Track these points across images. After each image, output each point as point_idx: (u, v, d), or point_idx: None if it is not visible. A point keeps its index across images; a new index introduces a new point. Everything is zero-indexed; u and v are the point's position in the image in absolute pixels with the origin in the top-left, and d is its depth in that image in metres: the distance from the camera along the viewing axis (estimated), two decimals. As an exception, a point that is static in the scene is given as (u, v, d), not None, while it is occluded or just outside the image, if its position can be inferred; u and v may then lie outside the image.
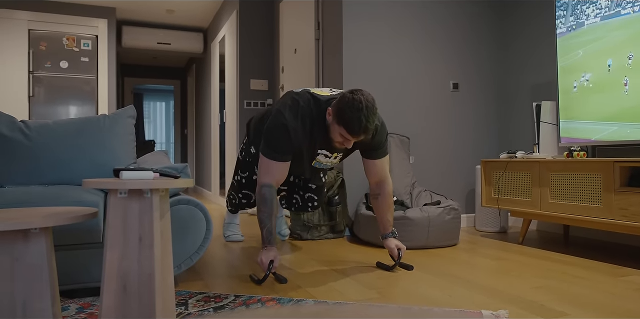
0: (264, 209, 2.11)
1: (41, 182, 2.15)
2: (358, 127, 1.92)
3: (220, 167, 7.28)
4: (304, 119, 2.09)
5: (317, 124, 2.12)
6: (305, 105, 2.10)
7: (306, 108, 2.10)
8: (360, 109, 1.90)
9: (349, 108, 1.91)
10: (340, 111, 1.93)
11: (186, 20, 6.61)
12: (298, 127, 2.08)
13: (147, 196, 1.26)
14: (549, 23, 3.47)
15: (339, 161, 2.39)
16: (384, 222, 2.37)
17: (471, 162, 3.76)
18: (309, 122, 2.10)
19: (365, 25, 3.41)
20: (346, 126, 1.93)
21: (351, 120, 1.91)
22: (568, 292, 1.90)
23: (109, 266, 1.25)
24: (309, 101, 2.11)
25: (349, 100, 1.93)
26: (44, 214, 1.28)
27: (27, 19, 5.44)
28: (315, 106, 2.11)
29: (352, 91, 1.97)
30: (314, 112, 2.11)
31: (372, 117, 1.93)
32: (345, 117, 1.92)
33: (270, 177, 2.13)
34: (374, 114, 1.95)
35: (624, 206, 2.32)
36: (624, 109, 2.60)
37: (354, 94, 1.94)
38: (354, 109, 1.90)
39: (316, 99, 2.13)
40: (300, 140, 2.11)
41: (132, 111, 2.40)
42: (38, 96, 5.45)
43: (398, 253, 2.30)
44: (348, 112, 1.91)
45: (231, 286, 2.00)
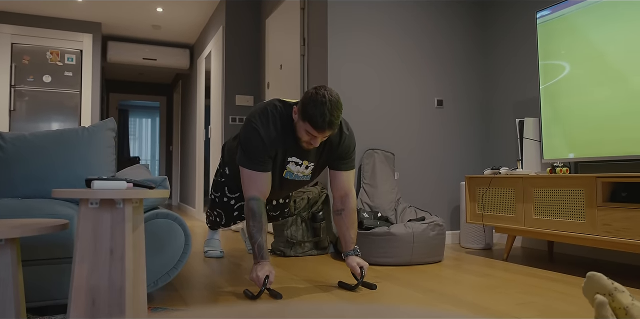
0: (252, 224, 2.06)
1: (14, 196, 2.09)
2: (322, 121, 1.91)
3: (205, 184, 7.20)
4: (275, 122, 2.08)
5: (287, 127, 2.10)
6: (273, 110, 2.09)
7: (275, 112, 2.09)
8: (324, 103, 1.90)
9: (312, 103, 1.91)
10: (304, 106, 1.93)
11: (172, 36, 6.61)
12: (270, 130, 2.06)
13: (119, 206, 1.22)
14: (531, 40, 3.51)
15: (310, 173, 2.29)
16: (346, 239, 2.27)
17: (456, 178, 3.76)
18: (279, 125, 2.08)
19: (350, 41, 3.42)
20: (310, 120, 1.92)
21: (315, 114, 1.90)
22: (552, 308, 1.87)
23: (77, 280, 1.20)
24: (276, 106, 2.11)
25: (312, 95, 1.93)
26: (11, 225, 1.22)
27: (11, 32, 5.40)
28: (284, 109, 2.11)
29: (315, 87, 1.98)
30: (283, 115, 2.10)
31: (336, 112, 1.93)
32: (309, 112, 1.91)
33: (255, 189, 2.09)
34: (339, 109, 1.94)
35: (607, 221, 2.31)
36: (607, 124, 2.61)
37: (317, 90, 1.95)
38: (318, 103, 1.90)
39: (284, 103, 2.13)
40: (274, 144, 2.08)
41: (112, 124, 2.36)
42: (20, 111, 5.37)
43: (361, 271, 2.19)
44: (311, 107, 1.91)
45: (209, 303, 1.94)
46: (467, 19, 3.88)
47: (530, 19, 3.53)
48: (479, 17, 3.94)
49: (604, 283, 1.21)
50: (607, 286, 1.20)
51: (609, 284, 1.20)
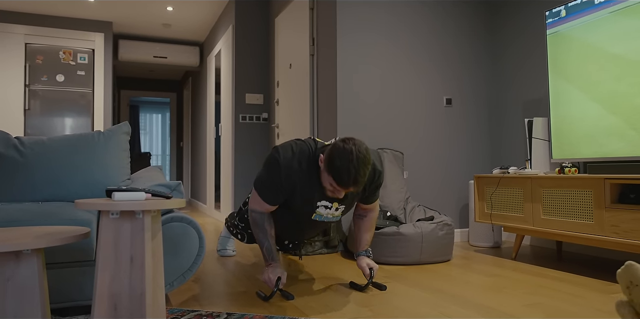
0: (257, 231, 2.15)
1: (35, 199, 2.15)
2: (347, 178, 1.82)
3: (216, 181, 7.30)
4: (300, 162, 2.01)
5: (312, 170, 2.03)
6: (304, 148, 2.03)
7: (304, 151, 2.03)
8: (351, 160, 1.80)
9: (338, 157, 1.81)
10: (330, 159, 1.84)
11: (182, 34, 6.67)
12: (292, 169, 2.00)
13: (138, 216, 1.27)
14: (540, 40, 3.52)
15: (341, 214, 2.25)
16: (361, 240, 2.33)
17: (464, 178, 3.78)
18: (305, 166, 2.02)
19: (359, 41, 3.45)
20: (335, 175, 1.84)
21: (340, 170, 1.81)
22: (559, 310, 1.90)
23: (100, 286, 1.26)
24: (308, 146, 2.04)
25: (340, 149, 1.83)
26: (36, 235, 1.28)
27: (24, 33, 5.47)
28: (315, 151, 2.04)
29: (343, 139, 1.87)
30: (311, 157, 2.03)
31: (363, 169, 1.82)
32: (334, 167, 1.82)
33: (260, 208, 2.13)
34: (366, 166, 1.84)
35: (615, 223, 2.33)
36: (616, 124, 2.63)
37: (345, 143, 1.84)
38: (344, 159, 1.80)
39: (317, 144, 2.07)
40: (292, 181, 2.02)
41: (127, 128, 2.42)
42: (34, 109, 5.46)
43: (370, 272, 2.24)
44: (337, 161, 1.81)
45: (224, 304, 2.00)
46: (475, 18, 3.88)
47: (539, 19, 3.53)
48: (486, 16, 3.94)
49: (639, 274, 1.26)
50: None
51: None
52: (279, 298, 2.09)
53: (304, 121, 3.87)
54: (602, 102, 2.70)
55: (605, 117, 2.68)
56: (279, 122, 4.56)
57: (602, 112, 2.70)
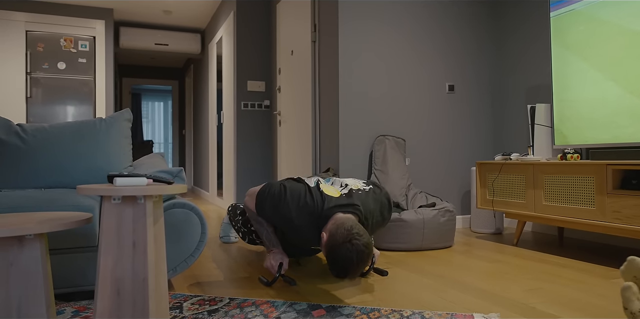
0: (254, 222, 2.18)
1: (37, 186, 2.16)
2: (343, 276, 1.76)
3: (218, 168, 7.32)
4: (302, 216, 1.97)
5: (316, 226, 1.98)
6: (310, 204, 1.97)
7: (310, 207, 1.97)
8: (351, 260, 1.70)
9: (338, 259, 1.72)
10: (330, 254, 1.74)
11: (183, 21, 6.62)
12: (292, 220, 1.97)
13: (140, 202, 1.27)
14: (544, 25, 3.49)
15: None
16: None
17: (466, 164, 3.78)
18: (306, 220, 1.97)
19: (361, 27, 3.42)
20: (332, 269, 1.76)
21: (338, 269, 1.74)
22: (561, 295, 1.91)
23: (102, 271, 1.27)
24: (315, 201, 1.98)
25: (341, 245, 1.72)
26: (39, 220, 1.29)
27: (25, 20, 5.45)
28: (322, 211, 1.95)
29: (349, 236, 1.73)
30: (317, 215, 1.96)
31: (361, 267, 1.74)
32: (332, 264, 1.74)
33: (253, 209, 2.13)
34: (365, 262, 1.74)
35: (617, 208, 2.33)
36: (618, 111, 2.61)
37: (346, 240, 1.72)
38: (343, 258, 1.71)
39: (324, 201, 1.98)
40: (291, 227, 2.00)
41: (129, 114, 2.41)
42: (36, 97, 5.46)
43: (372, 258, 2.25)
44: (336, 262, 1.72)
45: (226, 289, 2.02)
46: (477, 4, 3.84)
47: (544, 2, 3.49)
48: (489, 1, 3.90)
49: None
50: None
51: None
52: (281, 283, 2.11)
53: (306, 108, 3.86)
54: (609, 85, 2.68)
55: (610, 101, 2.67)
56: (281, 109, 4.55)
57: (608, 96, 2.68)
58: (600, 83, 2.71)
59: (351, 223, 1.79)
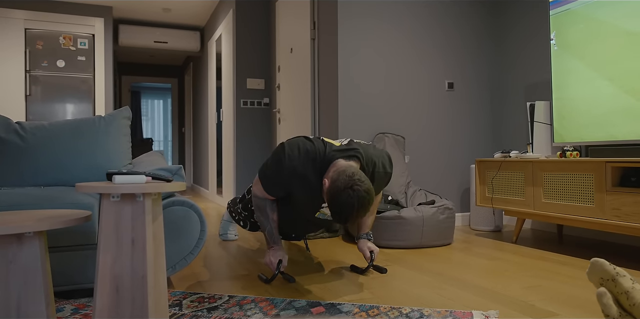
0: (259, 214, 2.16)
1: (37, 184, 2.16)
2: (344, 222, 1.78)
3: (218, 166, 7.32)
4: (306, 163, 1.97)
5: (319, 174, 1.98)
6: (312, 149, 1.98)
7: (312, 153, 1.97)
8: (352, 205, 1.72)
9: (340, 204, 1.73)
10: (332, 200, 1.75)
11: (183, 18, 6.61)
12: (296, 168, 1.96)
13: (139, 199, 1.27)
14: (543, 22, 3.48)
15: None
16: (362, 223, 2.34)
17: (466, 162, 3.78)
18: (310, 167, 1.97)
19: (360, 24, 3.42)
20: (333, 216, 1.78)
21: (339, 215, 1.76)
22: (560, 292, 1.92)
23: (102, 269, 1.27)
24: (317, 147, 1.99)
25: (342, 190, 1.73)
26: (38, 218, 1.29)
27: (24, 18, 5.44)
28: (324, 155, 1.97)
29: (350, 182, 1.74)
30: (319, 160, 1.97)
31: (363, 212, 1.76)
32: (334, 210, 1.76)
33: (261, 194, 2.12)
34: (366, 207, 1.76)
35: (616, 206, 2.34)
36: (618, 109, 2.61)
37: (348, 185, 1.73)
38: (345, 204, 1.72)
39: (326, 147, 1.99)
40: (295, 182, 1.99)
41: (128, 112, 2.41)
42: (35, 95, 5.45)
43: (371, 255, 2.25)
44: (337, 208, 1.74)
45: (226, 286, 2.02)
46: (477, 3, 3.84)
47: (543, 2, 3.49)
48: (488, 0, 3.90)
49: (606, 269, 1.25)
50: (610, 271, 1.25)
51: (611, 269, 1.25)
52: (281, 280, 2.11)
53: (305, 105, 3.86)
54: (606, 84, 2.68)
55: (607, 100, 2.67)
56: (280, 107, 4.55)
57: (605, 95, 2.68)
58: (599, 81, 2.71)
59: (353, 170, 1.81)
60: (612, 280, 1.24)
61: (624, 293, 1.21)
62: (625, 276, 1.23)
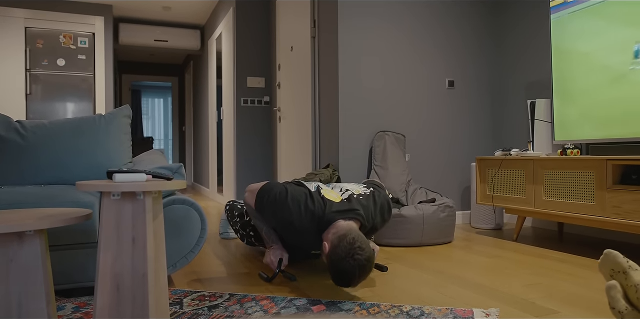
0: (253, 218, 2.17)
1: (37, 182, 2.16)
2: (344, 286, 1.79)
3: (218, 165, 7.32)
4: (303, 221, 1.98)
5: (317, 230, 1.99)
6: (312, 209, 1.98)
7: (312, 213, 1.98)
8: (353, 273, 1.73)
9: (342, 270, 1.73)
10: (332, 266, 1.76)
11: (183, 17, 6.61)
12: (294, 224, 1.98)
13: (139, 197, 1.27)
14: (544, 21, 3.48)
15: None
16: None
17: (466, 160, 3.78)
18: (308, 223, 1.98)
19: (360, 23, 3.41)
20: (334, 280, 1.78)
21: (341, 280, 1.76)
22: (560, 290, 1.92)
23: (102, 267, 1.27)
24: (317, 205, 1.99)
25: (344, 265, 1.73)
26: (39, 216, 1.29)
27: (24, 16, 5.44)
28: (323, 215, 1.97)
29: (351, 251, 1.74)
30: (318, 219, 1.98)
31: (363, 278, 1.77)
32: (336, 275, 1.76)
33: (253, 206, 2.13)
34: (366, 274, 1.77)
35: (616, 203, 2.34)
36: (619, 107, 2.61)
37: (349, 253, 1.73)
38: (346, 272, 1.73)
39: (325, 205, 1.99)
40: (292, 233, 2.02)
41: (128, 111, 2.41)
42: (35, 94, 5.45)
43: None
44: (339, 273, 1.74)
45: (226, 285, 2.02)
46: (477, 2, 3.84)
47: (543, 1, 3.48)
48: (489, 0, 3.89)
49: (619, 261, 1.26)
50: (622, 263, 1.25)
51: (624, 262, 1.25)
52: (281, 279, 2.11)
53: (305, 104, 3.86)
54: (606, 82, 2.67)
55: (609, 98, 2.66)
56: (280, 105, 4.54)
57: (606, 92, 2.68)
58: (599, 78, 2.71)
59: (353, 235, 1.80)
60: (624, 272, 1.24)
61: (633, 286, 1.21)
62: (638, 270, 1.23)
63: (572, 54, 2.88)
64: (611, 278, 1.26)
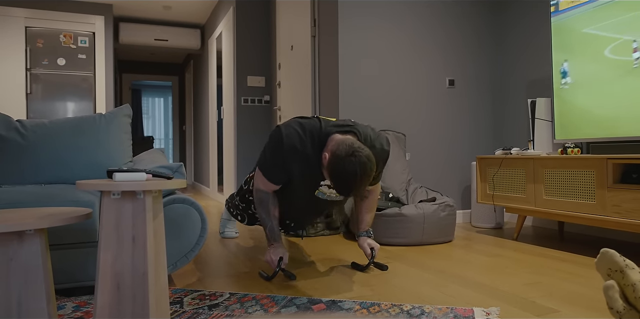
0: (260, 210, 2.14)
1: (38, 182, 2.16)
2: (347, 192, 1.78)
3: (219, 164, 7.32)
4: (304, 140, 1.96)
5: (318, 150, 1.98)
6: (308, 126, 1.98)
7: (309, 130, 1.98)
8: (354, 175, 1.73)
9: (342, 172, 1.74)
10: (334, 169, 1.76)
11: (183, 16, 6.61)
12: (295, 146, 1.96)
13: (139, 197, 1.27)
14: (544, 20, 3.47)
15: (344, 198, 2.23)
16: (362, 220, 2.32)
17: (467, 159, 3.78)
18: (309, 144, 1.97)
19: (360, 22, 3.41)
20: (336, 187, 1.78)
21: (342, 184, 1.76)
22: (560, 289, 1.92)
23: (102, 266, 1.27)
24: (313, 124, 1.99)
25: (343, 160, 1.74)
26: (39, 216, 1.29)
27: (24, 16, 5.43)
28: (322, 131, 1.98)
29: (350, 149, 1.76)
30: (316, 137, 1.98)
31: (365, 182, 1.77)
32: (336, 180, 1.76)
33: (264, 187, 2.11)
34: (368, 177, 1.77)
35: (617, 202, 2.33)
36: (619, 105, 2.61)
37: (349, 154, 1.75)
38: (346, 173, 1.73)
39: (322, 123, 2.00)
40: (295, 160, 1.99)
41: (128, 110, 2.41)
42: (36, 93, 5.45)
43: (372, 252, 2.25)
44: (340, 177, 1.75)
45: (227, 284, 2.02)
46: (478, 2, 3.83)
47: (544, 2, 3.48)
48: None
49: (616, 260, 1.25)
50: (619, 262, 1.25)
51: (620, 261, 1.25)
52: (281, 278, 2.11)
53: (306, 103, 3.86)
54: (608, 80, 2.67)
55: (610, 97, 2.66)
56: (281, 104, 4.54)
57: (608, 92, 2.68)
58: (599, 77, 2.70)
59: (351, 140, 1.83)
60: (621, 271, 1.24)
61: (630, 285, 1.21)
62: (635, 268, 1.23)
63: (572, 52, 2.88)
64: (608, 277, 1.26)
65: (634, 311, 1.20)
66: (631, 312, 1.20)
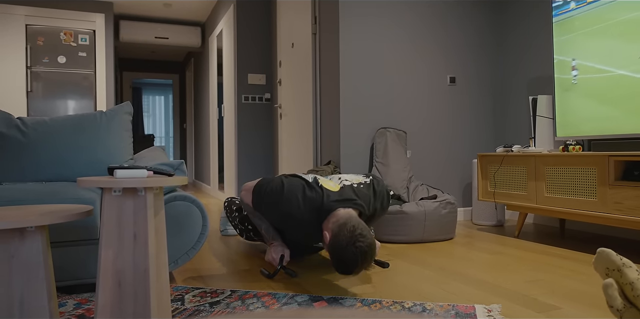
0: (252, 216, 2.18)
1: (38, 179, 2.16)
2: (347, 274, 1.78)
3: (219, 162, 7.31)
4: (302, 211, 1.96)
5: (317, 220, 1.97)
6: (310, 200, 1.97)
7: (310, 203, 1.97)
8: (355, 261, 1.72)
9: (344, 259, 1.72)
10: (335, 254, 1.74)
11: (183, 14, 6.60)
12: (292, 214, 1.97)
13: (141, 194, 1.27)
14: (545, 17, 3.46)
15: None
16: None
17: (468, 156, 3.77)
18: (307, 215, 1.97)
19: (361, 19, 3.40)
20: (337, 269, 1.77)
21: (343, 268, 1.75)
22: (562, 286, 1.91)
23: (104, 263, 1.27)
24: (315, 198, 1.97)
25: (347, 253, 1.72)
26: (40, 213, 1.29)
27: (24, 14, 5.43)
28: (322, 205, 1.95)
29: (352, 238, 1.73)
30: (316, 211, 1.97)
31: (366, 266, 1.76)
32: (337, 263, 1.75)
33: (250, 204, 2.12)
34: (369, 262, 1.76)
35: (618, 199, 2.33)
36: (621, 102, 2.60)
37: (350, 240, 1.72)
38: (349, 261, 1.72)
39: (324, 195, 1.97)
40: (292, 224, 2.00)
41: (129, 108, 2.41)
42: (36, 91, 5.45)
43: None
44: (341, 261, 1.73)
45: (228, 281, 2.02)
46: (480, 2, 3.82)
47: (545, 2, 3.47)
48: (493, -9, 3.88)
49: (613, 259, 1.25)
50: (616, 261, 1.25)
51: (617, 260, 1.24)
52: (283, 275, 2.11)
53: (306, 100, 3.85)
54: (609, 78, 2.66)
55: (611, 94, 2.65)
56: (281, 102, 4.54)
57: (609, 89, 2.67)
58: (601, 75, 2.70)
59: (353, 222, 1.79)
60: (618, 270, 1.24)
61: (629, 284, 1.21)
62: (632, 267, 1.23)
63: (574, 50, 2.87)
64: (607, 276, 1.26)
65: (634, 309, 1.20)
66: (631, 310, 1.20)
